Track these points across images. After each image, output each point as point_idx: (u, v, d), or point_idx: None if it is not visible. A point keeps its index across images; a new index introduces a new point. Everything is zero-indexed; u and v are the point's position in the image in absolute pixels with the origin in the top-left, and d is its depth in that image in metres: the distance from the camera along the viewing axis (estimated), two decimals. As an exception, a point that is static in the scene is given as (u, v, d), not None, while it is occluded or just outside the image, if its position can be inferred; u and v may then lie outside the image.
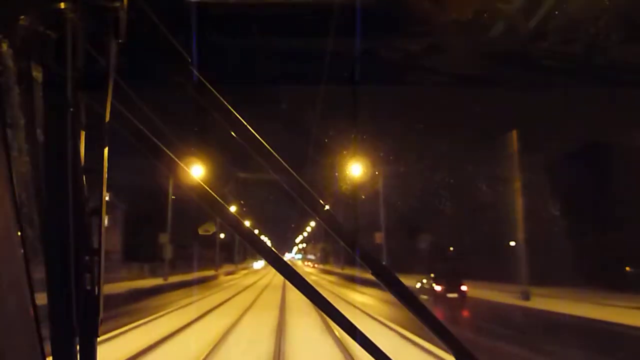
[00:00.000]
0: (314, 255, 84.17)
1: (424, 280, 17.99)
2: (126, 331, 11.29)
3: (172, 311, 15.51)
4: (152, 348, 9.33)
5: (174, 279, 26.26)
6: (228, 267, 53.37)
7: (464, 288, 17.06)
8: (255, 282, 34.60)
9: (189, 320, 12.93)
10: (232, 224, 1.23)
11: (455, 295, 16.62)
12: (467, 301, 16.92)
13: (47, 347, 1.10)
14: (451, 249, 31.88)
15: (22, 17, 0.99)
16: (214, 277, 37.14)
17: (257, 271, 58.22)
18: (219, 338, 10.54)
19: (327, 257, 65.02)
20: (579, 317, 13.82)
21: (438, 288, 16.81)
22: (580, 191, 22.31)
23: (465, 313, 16.17)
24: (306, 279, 1.26)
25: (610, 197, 22.49)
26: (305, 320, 12.99)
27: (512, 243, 23.30)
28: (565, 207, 21.09)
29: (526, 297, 17.35)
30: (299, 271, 1.26)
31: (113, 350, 8.54)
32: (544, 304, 16.03)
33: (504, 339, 11.08)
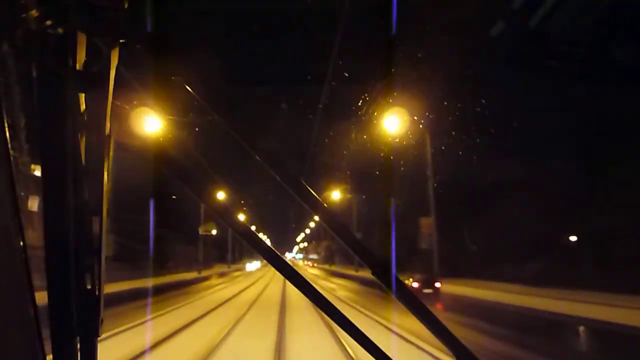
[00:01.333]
0: (317, 254, 77.49)
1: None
2: None
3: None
4: None
5: (118, 287, 15.87)
6: (219, 268, 46.24)
7: (437, 285, 19.92)
8: (240, 292, 23.90)
9: None
10: (230, 222, 1.22)
11: (430, 290, 19.02)
12: (440, 296, 19.16)
13: (48, 347, 1.10)
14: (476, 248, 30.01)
15: (23, 17, 0.99)
16: (189, 283, 26.94)
17: (250, 274, 48.48)
18: None
19: (332, 257, 57.96)
20: None
21: (415, 285, 19.03)
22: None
23: (439, 305, 17.24)
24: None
25: None
26: None
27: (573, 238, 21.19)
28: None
29: None
30: (302, 274, 1.24)
31: None
32: None
33: None
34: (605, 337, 9.84)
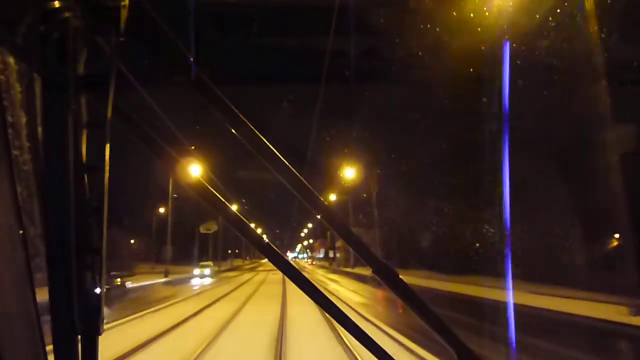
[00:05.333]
0: (333, 251, 54.91)
1: None
2: None
3: None
4: None
5: None
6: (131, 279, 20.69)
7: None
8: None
9: None
10: (230, 219, 1.21)
11: None
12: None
13: (49, 346, 1.11)
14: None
15: (24, 15, 0.99)
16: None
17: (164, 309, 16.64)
18: None
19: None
20: None
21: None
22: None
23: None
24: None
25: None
26: None
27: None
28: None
29: None
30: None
31: None
32: None
33: None
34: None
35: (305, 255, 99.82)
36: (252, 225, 1.26)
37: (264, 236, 1.30)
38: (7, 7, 1.00)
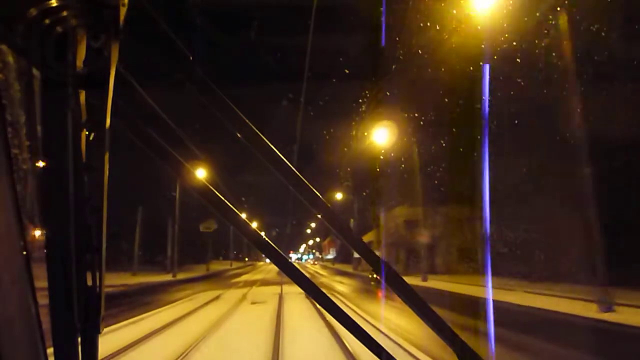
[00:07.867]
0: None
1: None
2: None
3: None
4: None
5: None
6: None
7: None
8: None
9: None
10: (230, 218, 1.21)
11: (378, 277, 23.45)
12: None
13: (49, 344, 1.10)
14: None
15: (23, 14, 0.98)
16: None
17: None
18: None
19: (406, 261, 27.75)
20: None
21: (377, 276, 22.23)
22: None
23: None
24: None
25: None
26: None
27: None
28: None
29: None
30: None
31: None
32: None
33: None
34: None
35: (311, 256, 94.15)
36: (244, 216, 1.23)
37: (262, 234, 1.28)
38: (6, 6, 1.00)
